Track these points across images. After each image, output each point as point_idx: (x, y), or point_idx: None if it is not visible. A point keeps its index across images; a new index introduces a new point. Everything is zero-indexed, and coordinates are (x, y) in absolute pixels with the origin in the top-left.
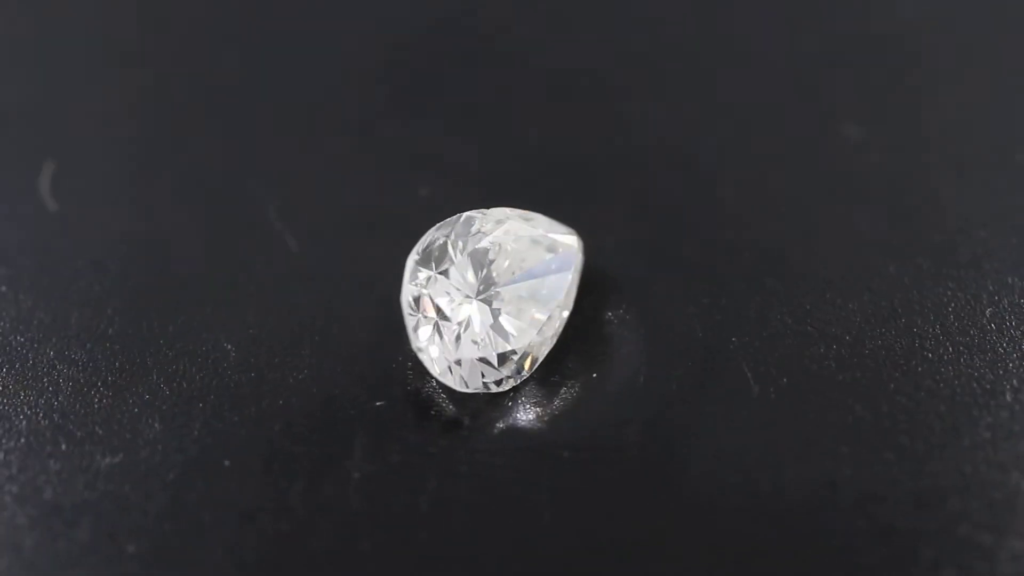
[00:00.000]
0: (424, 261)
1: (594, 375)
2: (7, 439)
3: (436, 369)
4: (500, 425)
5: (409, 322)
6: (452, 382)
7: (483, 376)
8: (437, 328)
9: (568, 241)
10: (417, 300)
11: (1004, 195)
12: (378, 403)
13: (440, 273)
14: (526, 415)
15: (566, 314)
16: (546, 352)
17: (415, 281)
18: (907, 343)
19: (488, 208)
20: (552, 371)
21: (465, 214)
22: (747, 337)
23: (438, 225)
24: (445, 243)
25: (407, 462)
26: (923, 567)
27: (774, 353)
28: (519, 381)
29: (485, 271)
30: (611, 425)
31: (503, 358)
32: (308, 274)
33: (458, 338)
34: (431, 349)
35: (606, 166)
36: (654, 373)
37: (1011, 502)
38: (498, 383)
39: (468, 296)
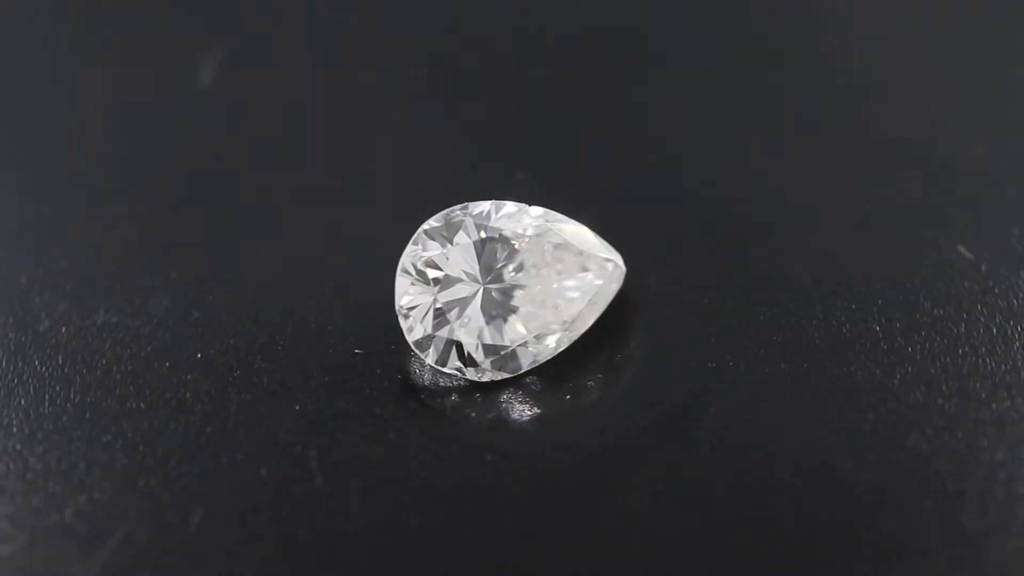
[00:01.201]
0: (439, 232)
1: (589, 383)
2: None
3: (411, 337)
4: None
5: (401, 284)
6: (425, 354)
7: (457, 360)
8: (432, 301)
9: (605, 264)
10: (416, 266)
11: None
12: (357, 351)
13: (455, 246)
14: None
15: (575, 335)
16: (541, 362)
17: (425, 248)
18: None
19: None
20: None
21: (506, 202)
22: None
23: (471, 203)
24: (469, 221)
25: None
26: None
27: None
28: (498, 378)
29: (503, 262)
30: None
31: (489, 348)
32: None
33: (444, 314)
34: (414, 314)
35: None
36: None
37: None
38: (474, 372)
39: (475, 279)
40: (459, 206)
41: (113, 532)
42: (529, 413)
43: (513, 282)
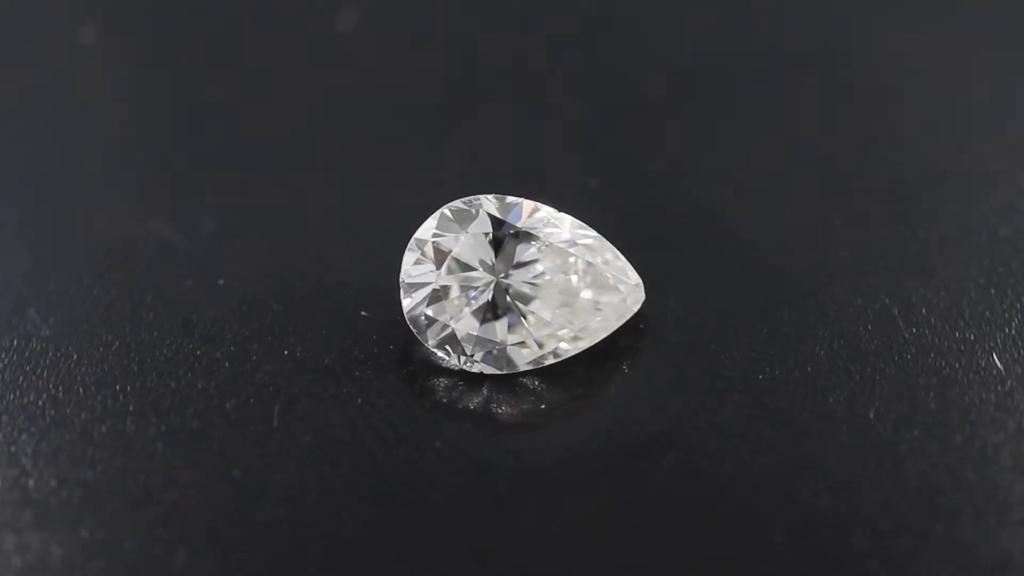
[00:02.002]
0: (461, 215)
1: (571, 395)
2: None
3: (407, 312)
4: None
5: (408, 258)
6: (418, 332)
7: (448, 345)
8: (433, 281)
9: (625, 285)
10: (425, 243)
11: None
12: (363, 313)
13: (474, 233)
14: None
15: (579, 348)
16: (537, 366)
17: (440, 228)
18: None
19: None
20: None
21: (542, 205)
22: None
23: (507, 196)
24: (495, 211)
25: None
26: None
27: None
28: (487, 372)
29: (525, 262)
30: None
31: (482, 342)
32: None
33: (443, 297)
34: (414, 291)
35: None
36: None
37: None
38: (464, 361)
39: (490, 270)
40: (493, 195)
41: None
42: (496, 411)
43: (530, 283)
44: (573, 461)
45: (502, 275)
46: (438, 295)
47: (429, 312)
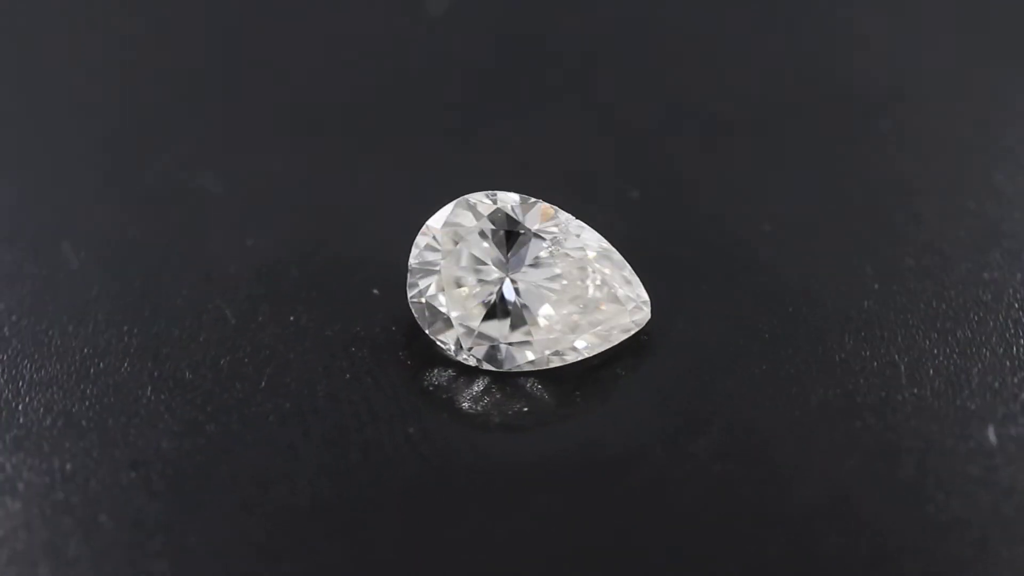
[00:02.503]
0: (481, 206)
1: (577, 393)
2: None
3: (409, 295)
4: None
5: (419, 241)
6: (416, 313)
7: (444, 334)
8: (440, 268)
9: (633, 303)
10: (438, 229)
11: None
12: (375, 291)
13: (492, 228)
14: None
15: (576, 359)
16: (532, 368)
17: (455, 216)
18: None
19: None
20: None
21: (569, 215)
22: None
23: (534, 199)
24: (518, 210)
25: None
26: None
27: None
28: (483, 367)
29: (542, 267)
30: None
31: (481, 336)
32: None
33: (447, 287)
34: (420, 275)
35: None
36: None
37: None
38: (458, 352)
39: (503, 267)
40: (518, 194)
41: None
42: (478, 408)
43: (540, 286)
44: (535, 467)
45: (512, 273)
46: (444, 284)
47: (432, 299)
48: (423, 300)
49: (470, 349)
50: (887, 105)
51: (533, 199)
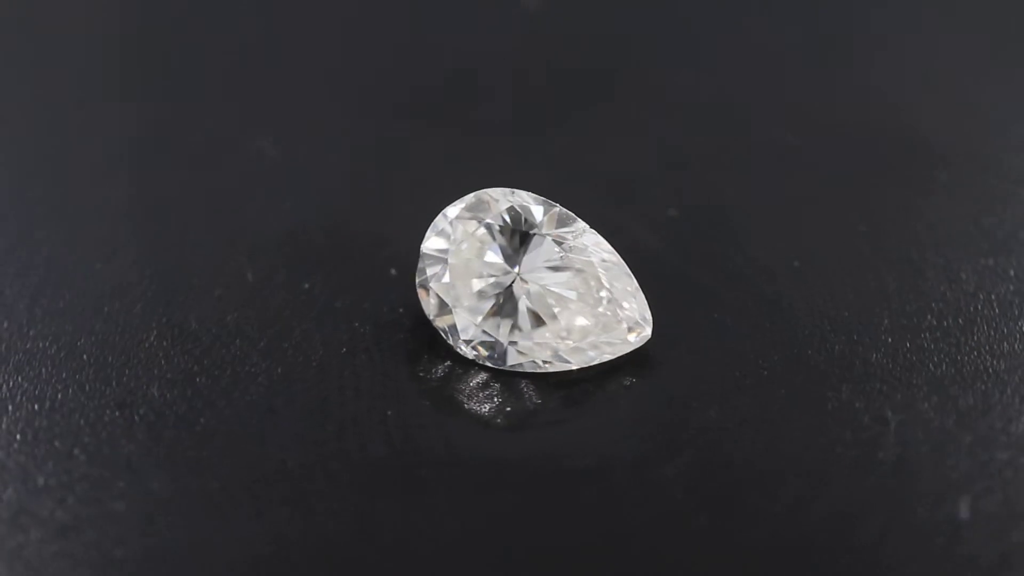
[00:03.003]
0: (499, 201)
1: (561, 400)
2: None
3: (418, 279)
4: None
5: (433, 227)
6: (422, 295)
7: (446, 323)
8: (448, 257)
9: (632, 321)
10: (451, 219)
11: None
12: (392, 271)
13: (507, 225)
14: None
15: (572, 367)
16: (528, 370)
17: (470, 208)
18: None
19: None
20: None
21: (578, 218)
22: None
23: (557, 204)
24: (531, 217)
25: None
26: None
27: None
28: (480, 361)
29: (554, 270)
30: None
31: (481, 332)
32: None
33: (455, 277)
34: (429, 262)
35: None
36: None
37: None
38: (459, 343)
39: (515, 264)
40: (537, 195)
41: None
42: (461, 400)
43: (546, 290)
44: (497, 467)
45: (520, 274)
46: (452, 274)
47: (438, 287)
48: (430, 286)
49: (469, 342)
50: (947, 157)
51: (552, 202)
